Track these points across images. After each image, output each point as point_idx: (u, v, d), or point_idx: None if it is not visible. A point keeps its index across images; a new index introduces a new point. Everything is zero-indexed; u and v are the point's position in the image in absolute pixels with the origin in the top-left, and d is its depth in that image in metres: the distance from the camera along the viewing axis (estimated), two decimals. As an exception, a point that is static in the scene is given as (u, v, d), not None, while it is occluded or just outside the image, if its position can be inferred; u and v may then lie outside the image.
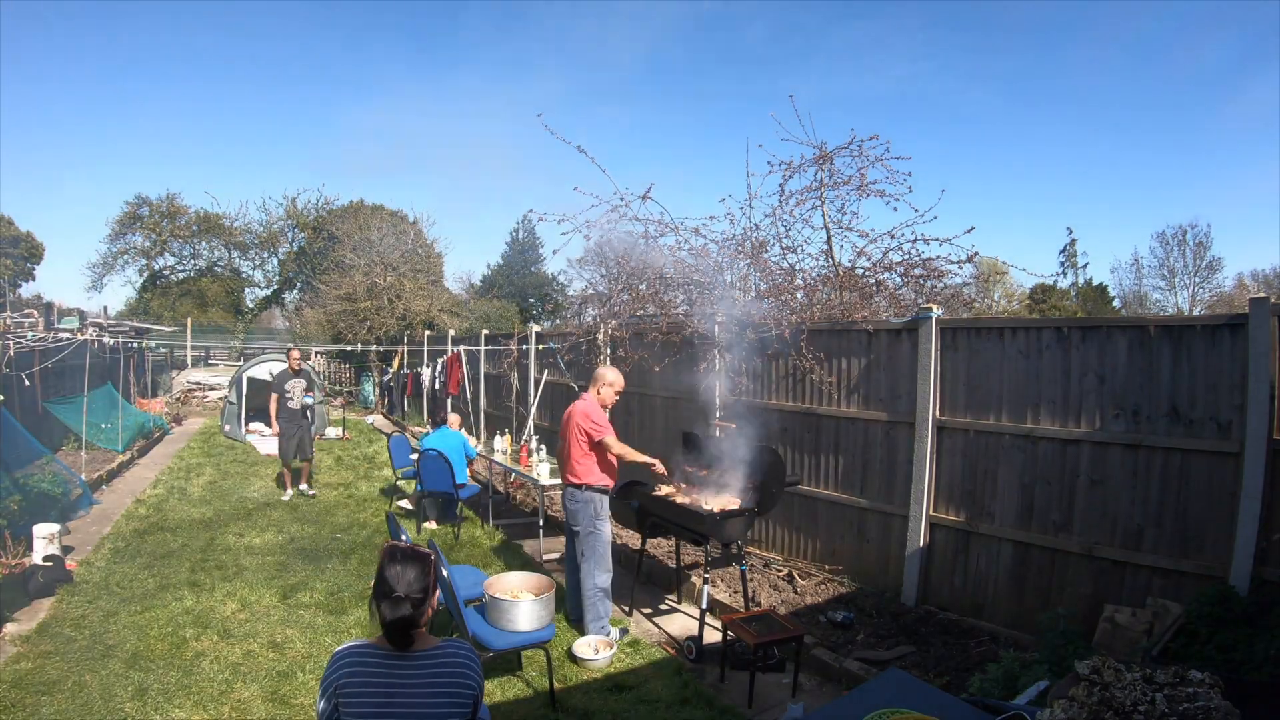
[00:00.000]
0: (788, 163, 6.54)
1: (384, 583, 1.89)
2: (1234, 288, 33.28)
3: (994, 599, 4.49)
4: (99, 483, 8.64)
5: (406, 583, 1.88)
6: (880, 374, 5.17)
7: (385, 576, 1.90)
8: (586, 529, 4.51)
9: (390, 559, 1.92)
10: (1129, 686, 1.78)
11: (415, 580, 1.89)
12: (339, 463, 10.87)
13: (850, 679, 3.84)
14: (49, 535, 5.40)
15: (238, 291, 29.49)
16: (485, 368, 11.84)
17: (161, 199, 27.47)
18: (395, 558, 1.92)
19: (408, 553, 1.94)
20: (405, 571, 1.89)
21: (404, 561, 1.91)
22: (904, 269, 6.20)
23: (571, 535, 4.66)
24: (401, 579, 1.88)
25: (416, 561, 1.92)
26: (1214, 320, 3.70)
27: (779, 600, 5.08)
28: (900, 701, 2.03)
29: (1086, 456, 4.07)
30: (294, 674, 3.94)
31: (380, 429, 14.90)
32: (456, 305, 22.24)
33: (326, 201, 27.93)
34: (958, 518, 4.69)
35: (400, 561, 1.91)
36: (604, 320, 7.88)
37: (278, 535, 6.82)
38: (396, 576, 1.88)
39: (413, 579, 1.89)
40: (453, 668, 1.91)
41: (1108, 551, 3.95)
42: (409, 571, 1.89)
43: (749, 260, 6.66)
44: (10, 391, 7.71)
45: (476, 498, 7.39)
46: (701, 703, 3.72)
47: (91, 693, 3.71)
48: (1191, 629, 3.36)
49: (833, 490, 5.52)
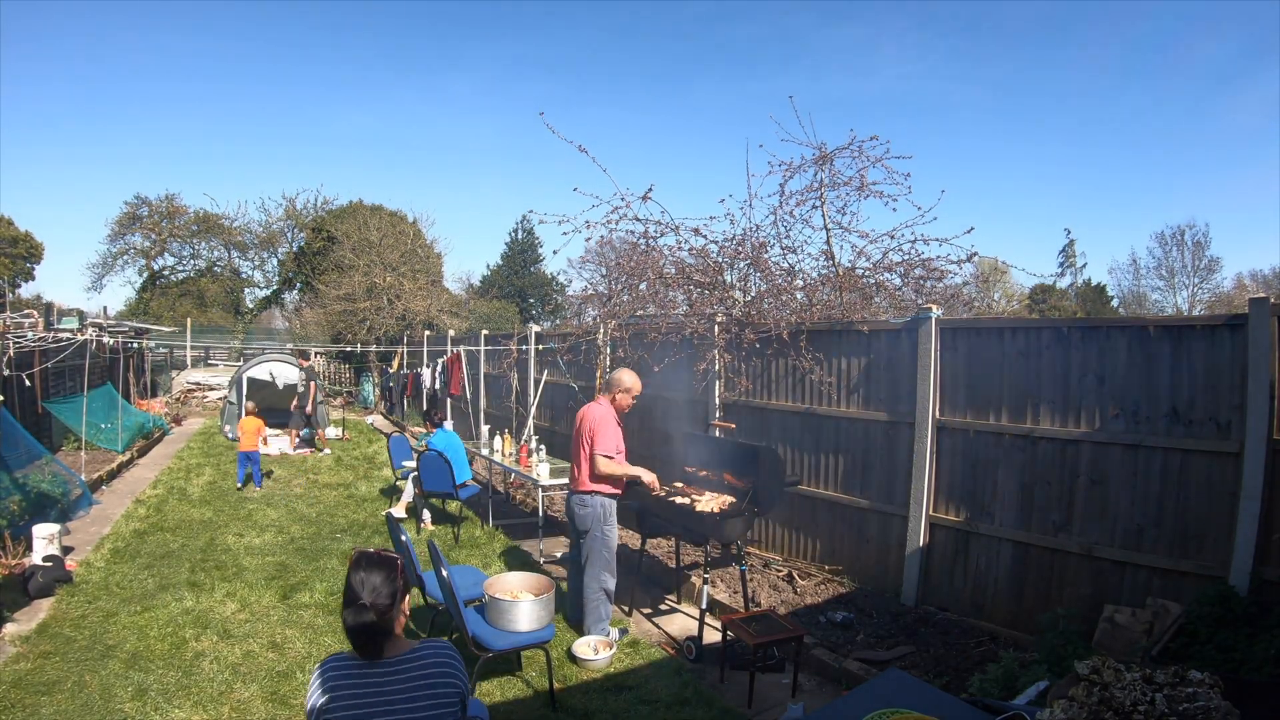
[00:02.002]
0: (787, 163, 6.54)
1: (349, 590, 1.84)
2: (1233, 288, 33.33)
3: (994, 599, 4.49)
4: (99, 483, 8.63)
5: (371, 589, 1.83)
6: (880, 374, 5.17)
7: (350, 583, 1.85)
8: (594, 533, 4.50)
9: (355, 565, 1.88)
10: (1129, 686, 1.78)
11: (380, 586, 1.84)
12: (339, 463, 10.87)
13: (850, 679, 3.85)
14: (49, 535, 5.40)
15: (237, 292, 29.46)
16: (485, 368, 11.84)
17: (161, 199, 27.47)
18: (360, 564, 1.88)
19: (373, 558, 1.90)
20: (369, 577, 1.84)
21: (368, 567, 1.86)
22: (904, 269, 6.19)
23: (578, 538, 4.66)
24: (365, 585, 1.83)
25: (381, 567, 1.87)
26: (1213, 320, 3.70)
27: (779, 600, 5.08)
28: (900, 701, 2.03)
29: (1086, 456, 4.07)
30: (294, 674, 3.94)
31: (380, 429, 14.90)
32: (456, 305, 22.25)
33: (325, 201, 27.92)
34: (958, 518, 4.69)
35: (365, 568, 1.86)
36: (604, 320, 7.88)
37: (278, 535, 6.82)
38: (361, 583, 1.83)
39: (378, 584, 1.84)
40: (431, 669, 1.86)
41: (1107, 551, 3.96)
42: (373, 577, 1.85)
43: (749, 260, 6.66)
44: (10, 391, 7.71)
45: (476, 498, 7.39)
46: (701, 703, 3.72)
47: (91, 693, 3.71)
48: (1191, 629, 3.36)
49: (833, 490, 5.53)
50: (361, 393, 20.38)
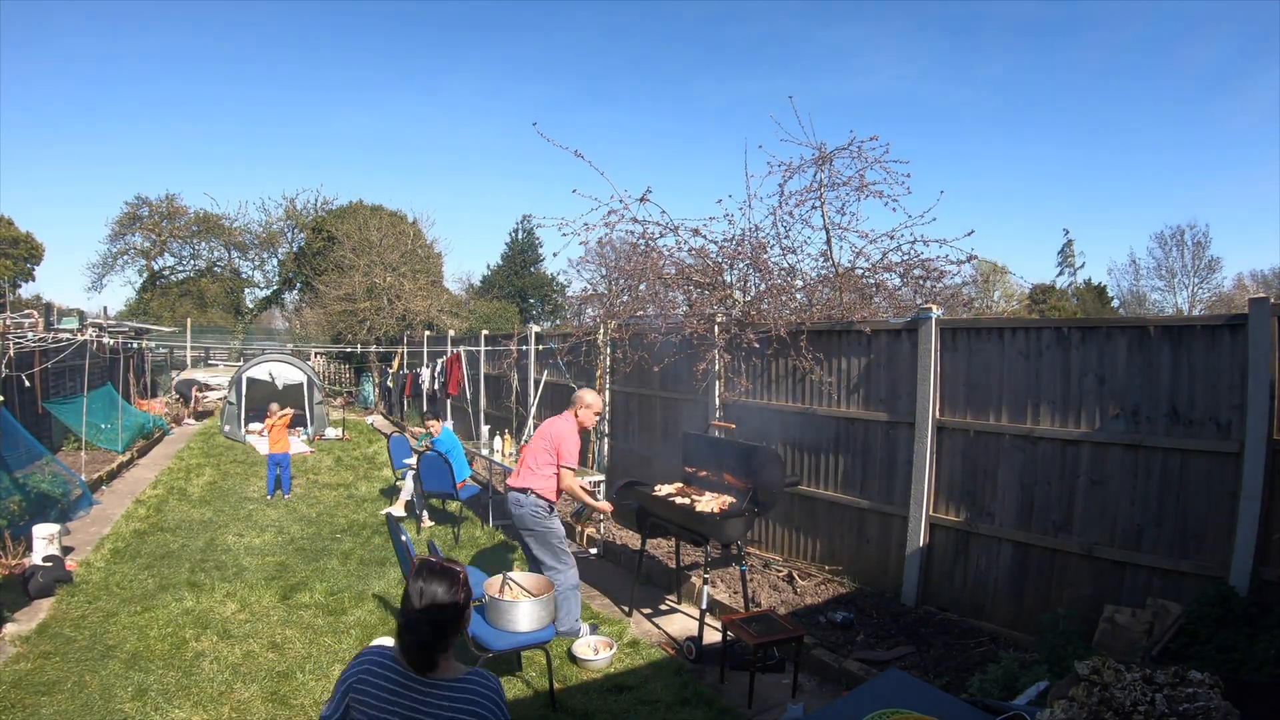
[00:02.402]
0: (787, 163, 6.54)
1: (406, 599, 1.74)
2: (1233, 288, 33.36)
3: (994, 599, 4.49)
4: (99, 483, 8.63)
5: (429, 601, 1.71)
6: (880, 374, 5.17)
7: (408, 592, 1.74)
8: (539, 529, 4.49)
9: (415, 574, 1.77)
10: (1129, 687, 1.79)
11: (440, 598, 1.71)
12: (339, 463, 10.87)
13: (850, 679, 3.84)
14: (49, 536, 5.40)
15: (237, 292, 29.48)
16: (485, 368, 11.84)
17: (161, 199, 27.52)
18: (420, 573, 1.76)
19: (434, 569, 1.76)
20: (428, 588, 1.72)
21: (428, 577, 1.74)
22: (903, 269, 6.20)
23: (525, 539, 4.62)
24: (423, 596, 1.71)
25: (443, 578, 1.74)
26: (1214, 320, 3.70)
27: (779, 600, 5.08)
28: (900, 702, 2.03)
29: (1086, 457, 4.07)
30: (294, 674, 3.94)
31: (380, 429, 14.90)
32: (456, 305, 22.23)
33: (325, 202, 27.93)
34: (958, 518, 4.69)
35: (424, 577, 1.74)
36: (604, 321, 7.88)
37: (278, 535, 6.82)
38: (418, 593, 1.72)
39: (438, 595, 1.71)
40: (472, 704, 1.71)
41: (1107, 552, 3.96)
42: (433, 588, 1.72)
43: (749, 261, 6.66)
44: (10, 392, 7.71)
45: (476, 498, 7.39)
46: (701, 703, 3.72)
47: (91, 693, 3.71)
48: (1191, 629, 3.36)
49: (833, 490, 5.53)
50: (361, 393, 20.38)
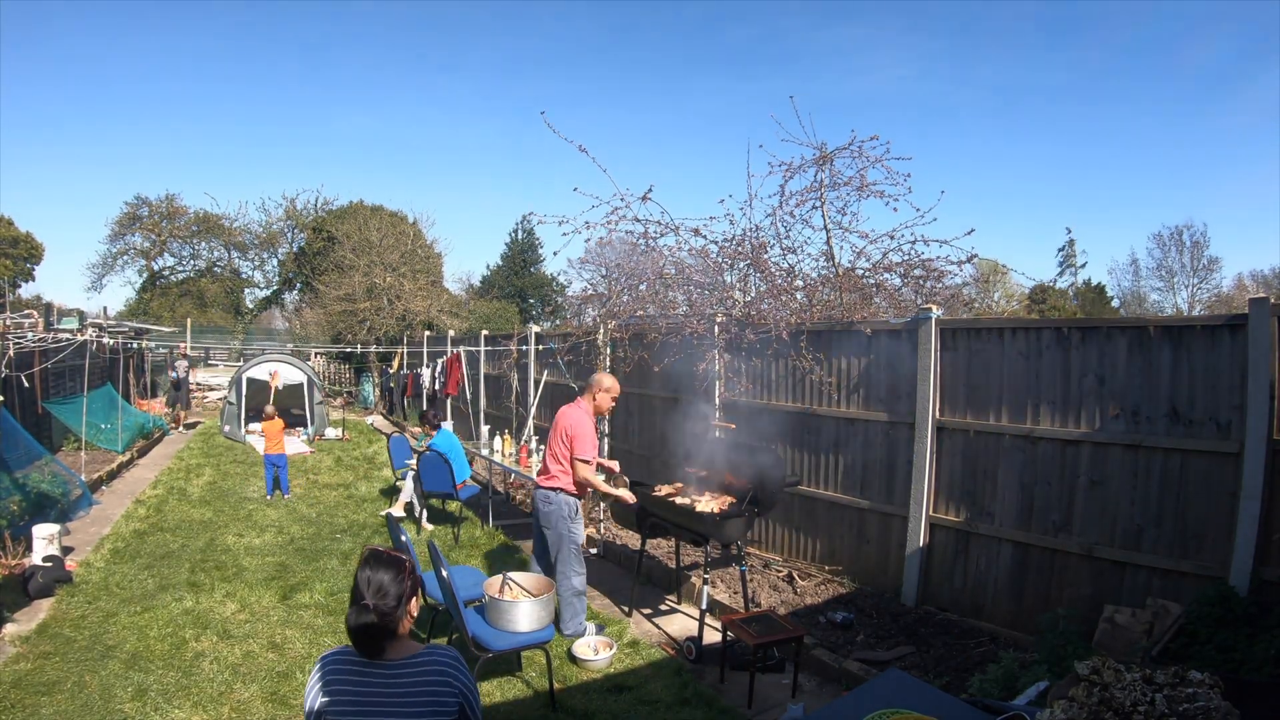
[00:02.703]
0: (787, 163, 6.54)
1: (355, 588, 1.84)
2: (1233, 288, 33.39)
3: (994, 599, 4.49)
4: (99, 483, 8.63)
5: (375, 588, 1.81)
6: (880, 374, 5.17)
7: (356, 581, 1.84)
8: (560, 531, 4.52)
9: (363, 564, 1.87)
10: (1129, 687, 1.79)
11: (387, 585, 1.82)
12: (339, 463, 10.87)
13: (850, 679, 3.84)
14: (49, 536, 5.39)
15: (237, 292, 29.50)
16: (485, 368, 11.84)
17: (161, 199, 27.55)
18: (367, 562, 1.86)
19: (381, 557, 1.88)
20: (375, 576, 1.83)
21: (375, 566, 1.84)
22: (904, 270, 6.20)
23: (541, 534, 4.66)
24: (370, 584, 1.82)
25: (389, 567, 1.85)
26: (1213, 320, 3.70)
27: (779, 601, 5.08)
28: (900, 702, 2.03)
29: (1086, 457, 4.07)
30: (293, 674, 3.94)
31: (380, 429, 14.90)
32: (456, 306, 22.24)
33: (326, 202, 27.95)
34: (957, 518, 4.69)
35: (371, 566, 1.85)
36: (604, 320, 7.88)
37: (278, 535, 6.82)
38: (366, 582, 1.82)
39: (383, 583, 1.82)
40: (432, 676, 1.82)
41: (1107, 552, 3.95)
42: (379, 576, 1.83)
43: (749, 261, 6.66)
44: (10, 392, 7.71)
45: (476, 498, 7.39)
46: (701, 703, 3.72)
47: (91, 693, 3.71)
48: (1191, 629, 3.36)
49: (833, 491, 5.52)
50: (361, 393, 20.38)
